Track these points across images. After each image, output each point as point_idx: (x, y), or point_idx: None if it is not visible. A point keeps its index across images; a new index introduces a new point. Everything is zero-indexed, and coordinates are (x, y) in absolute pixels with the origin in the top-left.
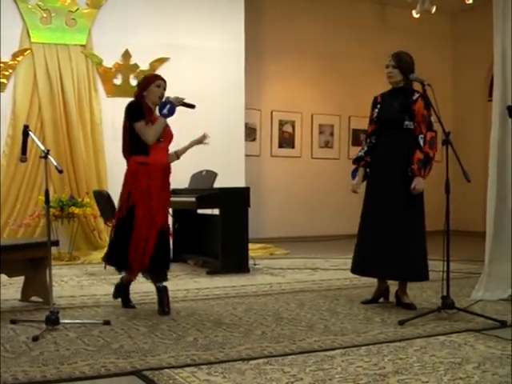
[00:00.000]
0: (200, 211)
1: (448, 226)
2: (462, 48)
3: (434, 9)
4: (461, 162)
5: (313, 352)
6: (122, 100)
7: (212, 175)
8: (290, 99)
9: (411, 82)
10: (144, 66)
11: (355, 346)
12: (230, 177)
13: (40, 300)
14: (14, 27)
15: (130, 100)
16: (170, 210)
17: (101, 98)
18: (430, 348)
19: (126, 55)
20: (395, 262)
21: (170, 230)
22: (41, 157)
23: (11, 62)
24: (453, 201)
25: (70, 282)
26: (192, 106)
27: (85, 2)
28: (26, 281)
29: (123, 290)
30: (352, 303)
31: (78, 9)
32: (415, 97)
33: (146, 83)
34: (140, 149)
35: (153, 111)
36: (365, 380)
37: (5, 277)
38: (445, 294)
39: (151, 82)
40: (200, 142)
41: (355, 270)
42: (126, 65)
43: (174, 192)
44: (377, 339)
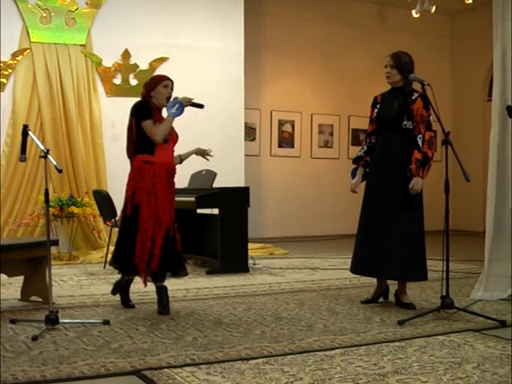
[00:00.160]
0: (199, 211)
1: (447, 226)
2: (461, 48)
3: (433, 9)
4: (460, 161)
5: (312, 352)
6: (121, 99)
7: (211, 175)
8: (290, 99)
9: (410, 81)
10: (143, 66)
11: (354, 345)
12: (229, 176)
13: (39, 300)
14: (14, 27)
15: (137, 100)
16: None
17: (100, 98)
18: (430, 348)
19: (126, 55)
20: (394, 261)
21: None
22: (40, 156)
23: (11, 62)
24: (452, 201)
25: (70, 282)
26: (201, 106)
27: (84, 2)
28: (26, 280)
29: (123, 288)
30: (351, 303)
31: (77, 8)
32: (414, 97)
33: (154, 84)
34: (145, 148)
35: (160, 111)
36: (364, 380)
37: (4, 276)
38: (444, 293)
39: (159, 82)
40: (203, 154)
41: (355, 270)
42: (126, 64)
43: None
44: (376, 339)
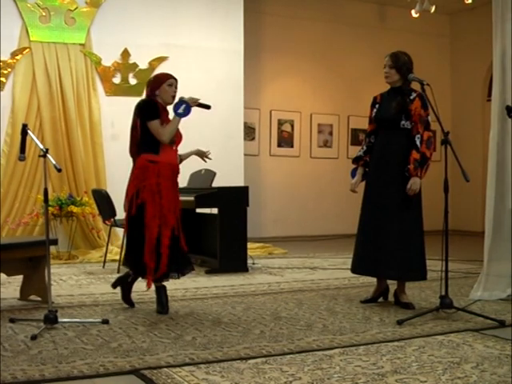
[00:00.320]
0: (198, 210)
1: (447, 226)
2: (461, 48)
3: (433, 8)
4: (460, 161)
5: (311, 351)
6: (120, 99)
7: (211, 174)
8: (289, 98)
9: (409, 81)
10: (143, 65)
11: (354, 345)
12: (228, 176)
13: (38, 299)
14: (13, 26)
15: (139, 99)
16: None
17: (100, 97)
18: (429, 347)
19: (125, 54)
20: (394, 261)
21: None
22: (39, 155)
23: (10, 61)
24: (451, 200)
25: (69, 281)
26: (207, 107)
27: (84, 1)
28: (25, 280)
29: (127, 284)
30: (351, 302)
31: (77, 7)
32: (412, 96)
33: (158, 82)
34: (150, 147)
35: (167, 111)
36: (363, 379)
37: (3, 276)
38: (443, 293)
39: (163, 80)
40: (202, 156)
41: (355, 270)
42: (125, 64)
43: None
44: (375, 338)
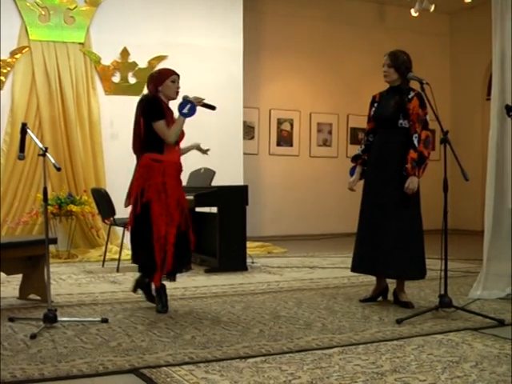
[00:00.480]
0: (198, 209)
1: (446, 225)
2: (460, 47)
3: (432, 7)
4: (459, 160)
5: (310, 350)
6: (120, 98)
7: (210, 173)
8: (289, 97)
9: (408, 80)
10: (142, 64)
11: (353, 344)
12: (228, 175)
13: (38, 298)
14: (13, 25)
15: (144, 94)
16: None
17: (99, 96)
18: (428, 346)
19: (125, 53)
20: (393, 260)
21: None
22: (39, 154)
23: (9, 60)
24: (451, 199)
25: (68, 280)
26: (212, 108)
27: (83, 0)
28: (24, 279)
29: (146, 285)
30: (350, 301)
31: (76, 6)
32: (410, 96)
33: (161, 78)
34: (154, 146)
35: (171, 110)
36: (362, 378)
37: (3, 275)
38: (443, 292)
39: (167, 76)
40: (201, 150)
41: (354, 268)
42: (125, 63)
43: None
44: (374, 337)
